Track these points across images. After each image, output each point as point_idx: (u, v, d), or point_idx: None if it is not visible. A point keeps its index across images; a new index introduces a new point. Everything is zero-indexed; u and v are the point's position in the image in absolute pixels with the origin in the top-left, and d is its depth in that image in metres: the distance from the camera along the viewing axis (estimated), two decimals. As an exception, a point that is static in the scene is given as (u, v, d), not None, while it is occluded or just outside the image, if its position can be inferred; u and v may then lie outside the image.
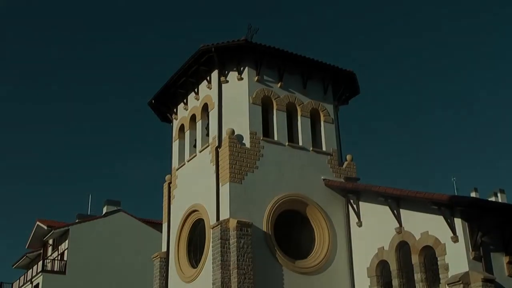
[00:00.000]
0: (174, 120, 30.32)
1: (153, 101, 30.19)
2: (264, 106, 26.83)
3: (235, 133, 25.40)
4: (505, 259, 21.82)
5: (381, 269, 24.54)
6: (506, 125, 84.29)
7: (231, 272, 22.83)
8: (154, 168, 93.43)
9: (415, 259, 22.83)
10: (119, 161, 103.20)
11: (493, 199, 44.47)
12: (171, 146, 30.10)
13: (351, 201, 26.28)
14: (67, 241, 52.76)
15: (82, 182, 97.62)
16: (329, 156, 27.47)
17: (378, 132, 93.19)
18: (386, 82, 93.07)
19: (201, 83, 28.05)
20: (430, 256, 22.49)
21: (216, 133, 25.99)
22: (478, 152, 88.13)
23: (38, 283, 51.69)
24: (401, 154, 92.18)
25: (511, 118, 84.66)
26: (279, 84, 27.23)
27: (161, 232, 29.92)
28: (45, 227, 54.37)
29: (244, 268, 22.77)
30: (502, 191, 47.57)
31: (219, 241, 23.26)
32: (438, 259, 21.86)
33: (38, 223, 55.69)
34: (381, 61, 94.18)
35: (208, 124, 27.32)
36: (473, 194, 46.03)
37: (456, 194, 33.59)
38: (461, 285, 20.21)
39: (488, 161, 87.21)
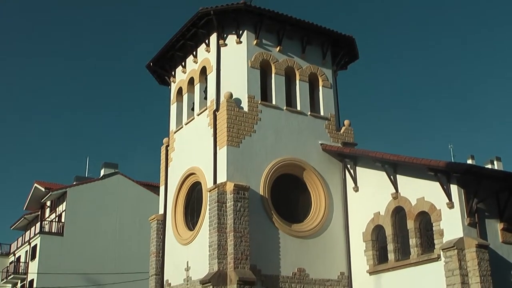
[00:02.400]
0: (172, 83, 30.22)
1: (151, 63, 30.04)
2: (263, 70, 26.71)
3: (233, 97, 25.33)
4: (499, 226, 22.00)
5: (377, 234, 24.72)
6: (503, 92, 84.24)
7: (228, 235, 22.98)
8: (152, 131, 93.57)
9: (410, 224, 22.99)
10: (117, 123, 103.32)
11: (489, 166, 44.63)
12: (169, 109, 30.07)
13: (348, 166, 26.34)
14: (64, 203, 53.06)
15: (80, 145, 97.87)
16: (326, 121, 27.47)
17: (376, 98, 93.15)
18: (385, 47, 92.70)
19: (199, 46, 27.87)
20: (426, 221, 22.64)
21: (214, 96, 25.92)
22: (475, 119, 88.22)
23: (36, 244, 52.13)
24: (399, 120, 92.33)
25: (508, 86, 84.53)
26: (278, 48, 27.08)
27: (158, 194, 30.06)
28: (43, 189, 54.62)
29: (241, 231, 22.92)
30: (498, 159, 47.78)
31: (216, 204, 23.36)
32: (433, 224, 22.01)
33: (36, 185, 55.91)
34: (380, 27, 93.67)
35: (206, 87, 27.23)
36: (469, 161, 46.21)
37: (452, 161, 33.62)
38: (455, 251, 20.37)
39: (485, 129, 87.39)
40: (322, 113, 27.53)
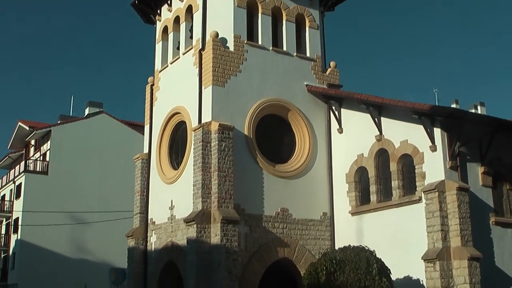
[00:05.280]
0: (157, 22, 29.82)
1: (136, 1, 29.58)
2: (249, 10, 26.36)
3: (219, 36, 25.06)
4: (480, 170, 22.33)
5: (360, 175, 24.93)
6: (491, 41, 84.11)
7: (212, 174, 23.08)
8: (137, 70, 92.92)
9: (393, 166, 23.19)
10: (101, 62, 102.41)
11: (473, 111, 44.87)
12: (154, 48, 29.75)
13: (333, 107, 26.37)
14: (49, 142, 52.94)
15: (64, 83, 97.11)
16: (312, 62, 27.33)
17: (362, 41, 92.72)
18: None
19: (185, -17, 27.46)
20: (408, 164, 22.84)
21: (200, 35, 25.65)
22: (460, 65, 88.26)
23: (20, 183, 52.22)
24: (385, 63, 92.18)
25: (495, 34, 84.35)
26: (265, -12, 26.75)
27: (143, 134, 30.02)
28: (27, 128, 54.38)
29: (225, 171, 23.03)
30: (482, 104, 48.10)
31: (201, 143, 23.38)
32: (416, 167, 22.22)
33: (19, 123, 55.63)
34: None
35: (192, 26, 26.91)
36: (453, 106, 46.41)
37: (437, 104, 33.75)
38: (437, 193, 20.67)
39: (470, 74, 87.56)
40: (308, 54, 27.37)
